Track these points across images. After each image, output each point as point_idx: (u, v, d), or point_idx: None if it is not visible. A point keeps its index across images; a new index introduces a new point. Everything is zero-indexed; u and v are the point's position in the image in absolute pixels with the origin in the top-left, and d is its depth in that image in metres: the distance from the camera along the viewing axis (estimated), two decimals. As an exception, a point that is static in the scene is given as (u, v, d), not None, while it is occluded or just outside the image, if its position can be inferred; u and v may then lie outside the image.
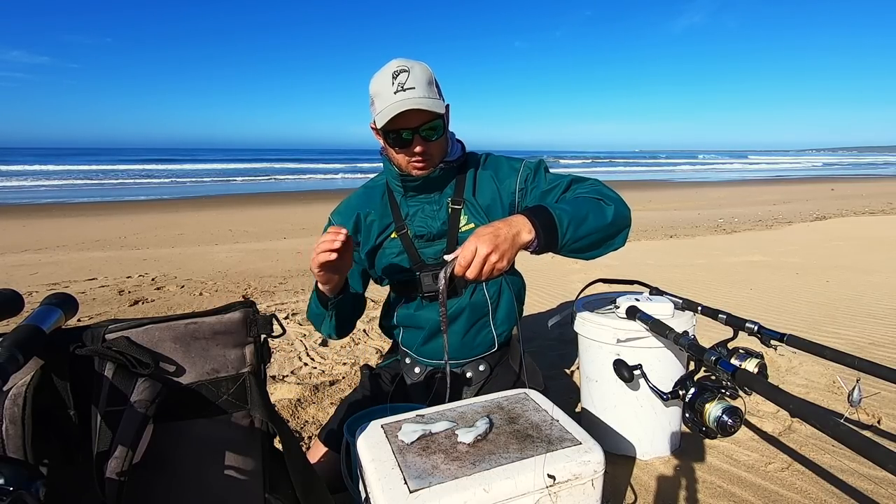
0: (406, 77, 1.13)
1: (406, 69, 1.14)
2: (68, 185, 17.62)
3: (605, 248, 1.16)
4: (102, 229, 7.59)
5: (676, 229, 6.96)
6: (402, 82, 1.13)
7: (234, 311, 0.79)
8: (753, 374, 1.11)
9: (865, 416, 1.78)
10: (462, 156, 1.32)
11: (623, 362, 1.39)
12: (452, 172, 1.30)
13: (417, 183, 1.26)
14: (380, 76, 1.16)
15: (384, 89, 1.15)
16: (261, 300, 3.62)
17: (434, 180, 1.27)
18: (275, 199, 13.00)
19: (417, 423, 0.98)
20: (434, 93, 1.18)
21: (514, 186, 1.31)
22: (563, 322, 1.66)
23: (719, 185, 17.71)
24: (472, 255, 0.96)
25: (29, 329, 0.64)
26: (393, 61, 1.16)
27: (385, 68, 1.16)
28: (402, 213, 1.33)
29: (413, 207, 1.31)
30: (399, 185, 1.30)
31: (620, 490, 1.41)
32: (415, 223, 1.31)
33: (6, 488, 0.46)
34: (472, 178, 1.33)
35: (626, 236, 1.19)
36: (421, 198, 1.30)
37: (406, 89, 1.13)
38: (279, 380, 2.20)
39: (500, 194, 1.31)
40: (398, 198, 1.33)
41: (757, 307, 3.20)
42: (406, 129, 1.16)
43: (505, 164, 1.35)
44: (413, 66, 1.15)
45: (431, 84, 1.17)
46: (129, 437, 0.66)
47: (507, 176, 1.32)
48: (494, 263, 0.96)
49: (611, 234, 1.14)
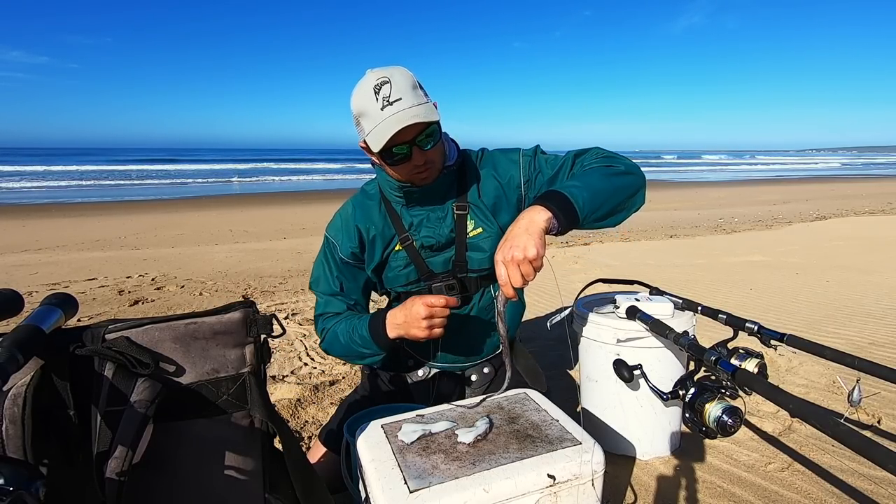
0: (389, 89, 1.05)
1: (386, 79, 1.05)
2: (68, 185, 17.62)
3: (627, 210, 1.14)
4: (102, 229, 7.58)
5: (676, 229, 6.95)
6: (387, 95, 1.05)
7: (234, 311, 0.79)
8: (753, 374, 1.11)
9: (865, 416, 1.78)
10: (458, 156, 1.27)
11: (623, 362, 1.39)
12: (452, 175, 1.25)
13: (420, 192, 1.21)
14: (360, 92, 1.08)
15: (369, 106, 1.07)
16: (261, 300, 3.62)
17: (436, 187, 1.21)
18: (275, 199, 12.99)
19: (417, 423, 0.98)
20: (421, 97, 1.09)
21: (518, 179, 1.26)
22: (563, 322, 1.66)
23: (719, 185, 17.71)
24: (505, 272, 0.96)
25: (29, 329, 0.64)
26: (369, 73, 1.08)
27: (363, 83, 1.08)
28: (404, 223, 1.27)
29: (417, 217, 1.25)
30: (399, 197, 1.23)
31: (620, 490, 1.41)
32: (421, 233, 1.25)
33: (6, 488, 0.46)
34: (473, 178, 1.28)
35: (644, 194, 1.17)
36: (424, 206, 1.25)
37: (393, 102, 1.05)
38: (279, 380, 2.20)
39: (504, 191, 1.26)
40: (398, 208, 1.27)
41: (757, 307, 3.20)
42: (401, 143, 1.09)
43: (503, 159, 1.30)
44: (392, 73, 1.07)
45: (416, 88, 1.10)
46: (129, 437, 0.66)
47: (507, 170, 1.27)
48: (521, 261, 0.95)
49: (629, 195, 1.13)
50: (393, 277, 1.31)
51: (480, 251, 1.25)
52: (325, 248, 1.32)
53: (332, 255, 1.30)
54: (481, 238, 1.25)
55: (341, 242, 1.28)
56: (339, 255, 1.28)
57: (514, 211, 1.25)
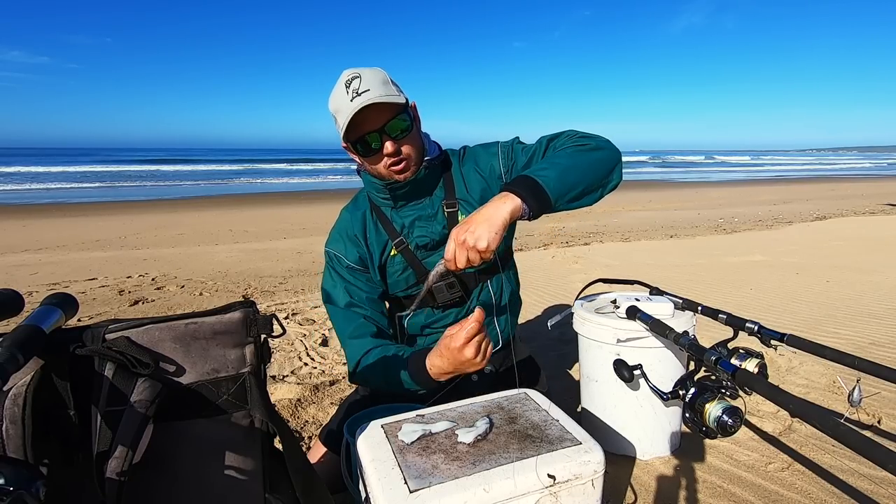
0: (359, 82, 1.09)
1: (357, 75, 1.10)
2: (69, 185, 17.63)
3: (602, 187, 1.13)
4: (102, 229, 7.58)
5: (677, 229, 6.95)
6: (356, 88, 1.09)
7: (234, 311, 0.78)
8: (753, 374, 1.11)
9: (866, 416, 1.78)
10: (441, 154, 1.29)
11: (623, 362, 1.39)
12: (437, 172, 1.27)
13: (406, 189, 1.21)
14: (335, 91, 1.13)
15: (341, 101, 1.11)
16: (261, 300, 3.62)
17: (422, 182, 1.22)
18: (275, 199, 13.00)
19: (417, 423, 0.98)
20: (391, 90, 1.13)
21: (499, 170, 1.28)
22: (563, 322, 1.66)
23: (719, 185, 17.71)
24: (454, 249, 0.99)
25: (29, 329, 0.64)
26: (343, 72, 1.13)
27: (338, 81, 1.13)
28: (396, 226, 1.27)
29: (408, 217, 1.26)
30: (386, 198, 1.24)
31: (620, 490, 1.41)
32: (414, 234, 1.26)
33: (6, 488, 0.46)
34: (458, 175, 1.29)
35: (621, 171, 1.16)
36: (413, 205, 1.26)
37: (361, 93, 1.08)
38: (279, 380, 2.20)
39: (487, 183, 1.28)
40: (388, 212, 1.28)
41: (757, 307, 3.20)
42: (371, 131, 1.12)
43: (482, 153, 1.32)
44: (363, 71, 1.12)
45: (387, 83, 1.13)
46: (129, 437, 0.66)
47: (487, 163, 1.29)
48: (470, 248, 0.97)
49: (603, 173, 1.12)
50: (393, 283, 1.31)
51: None
52: (329, 265, 1.32)
53: (338, 266, 1.30)
54: None
55: (345, 251, 1.28)
56: (346, 262, 1.28)
57: None
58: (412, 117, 1.18)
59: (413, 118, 1.19)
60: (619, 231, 6.77)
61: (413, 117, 1.19)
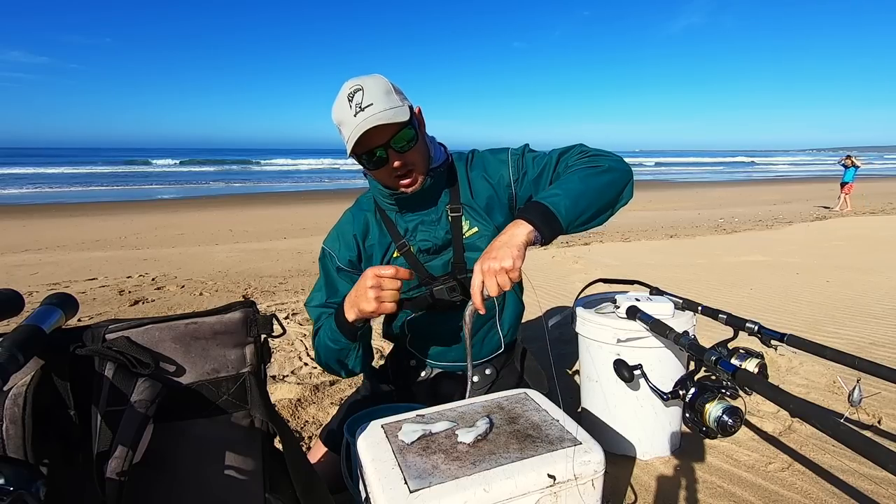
0: (361, 96, 1.09)
1: (359, 87, 1.10)
2: (69, 185, 17.62)
3: (613, 208, 1.14)
4: (102, 229, 7.59)
5: (677, 229, 6.95)
6: (359, 102, 1.09)
7: (234, 311, 0.78)
8: (754, 374, 1.11)
9: (866, 416, 1.78)
10: (447, 159, 1.28)
11: (623, 362, 1.39)
12: (442, 178, 1.26)
13: (411, 197, 1.21)
14: (337, 103, 1.12)
15: (344, 115, 1.10)
16: (261, 300, 3.62)
17: (427, 191, 1.22)
18: (275, 199, 13.00)
19: (417, 423, 0.98)
20: (394, 101, 1.12)
21: (507, 179, 1.27)
22: (563, 322, 1.66)
23: (719, 185, 17.71)
24: (480, 281, 0.99)
25: (29, 329, 0.64)
26: (345, 84, 1.12)
27: (340, 93, 1.12)
28: (399, 229, 1.28)
29: (411, 222, 1.26)
30: (391, 204, 1.25)
31: (620, 490, 1.41)
32: (417, 238, 1.26)
33: (7, 488, 0.46)
34: (464, 180, 1.29)
35: (632, 189, 1.17)
36: (417, 211, 1.26)
37: (364, 108, 1.08)
38: (279, 380, 2.20)
39: (495, 191, 1.28)
40: (392, 215, 1.28)
41: (757, 307, 3.20)
42: (377, 146, 1.11)
43: (492, 159, 1.31)
44: (365, 81, 1.11)
45: (390, 93, 1.12)
46: (130, 437, 0.66)
47: (497, 170, 1.28)
48: (497, 271, 0.97)
49: (614, 195, 1.13)
50: None
51: (478, 251, 1.25)
52: (322, 261, 1.33)
53: (329, 266, 1.31)
54: (478, 237, 1.25)
55: (339, 252, 1.29)
56: (337, 263, 1.29)
57: (506, 210, 1.27)
58: (417, 124, 1.18)
59: (418, 124, 1.19)
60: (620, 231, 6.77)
61: (418, 123, 1.19)
